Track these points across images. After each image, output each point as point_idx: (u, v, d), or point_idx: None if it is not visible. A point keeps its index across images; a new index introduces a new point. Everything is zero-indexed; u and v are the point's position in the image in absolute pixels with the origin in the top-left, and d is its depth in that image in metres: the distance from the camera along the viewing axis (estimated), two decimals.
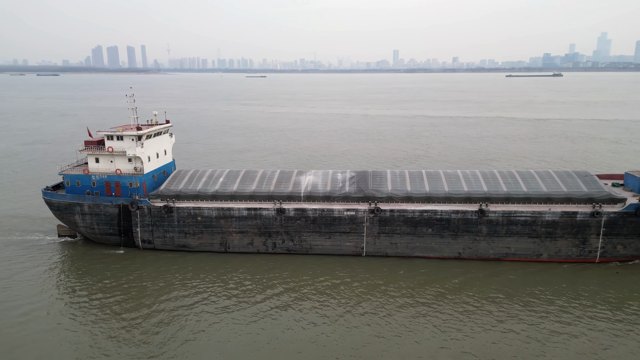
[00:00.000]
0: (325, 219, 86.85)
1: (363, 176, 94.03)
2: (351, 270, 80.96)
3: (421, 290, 72.98)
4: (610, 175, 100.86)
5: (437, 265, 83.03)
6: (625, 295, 70.45)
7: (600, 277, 77.00)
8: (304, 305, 68.86)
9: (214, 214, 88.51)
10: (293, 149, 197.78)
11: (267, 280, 77.06)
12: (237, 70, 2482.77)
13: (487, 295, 71.28)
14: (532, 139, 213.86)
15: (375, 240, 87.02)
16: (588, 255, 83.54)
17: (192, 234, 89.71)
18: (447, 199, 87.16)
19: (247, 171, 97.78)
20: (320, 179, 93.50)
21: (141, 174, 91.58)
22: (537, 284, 74.89)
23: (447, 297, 70.83)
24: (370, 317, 65.38)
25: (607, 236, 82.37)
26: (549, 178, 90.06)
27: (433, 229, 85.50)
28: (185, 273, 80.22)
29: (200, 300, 70.45)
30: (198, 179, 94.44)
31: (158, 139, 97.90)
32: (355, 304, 68.88)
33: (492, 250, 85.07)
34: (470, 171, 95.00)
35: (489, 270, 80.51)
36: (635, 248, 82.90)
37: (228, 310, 67.42)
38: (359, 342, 59.65)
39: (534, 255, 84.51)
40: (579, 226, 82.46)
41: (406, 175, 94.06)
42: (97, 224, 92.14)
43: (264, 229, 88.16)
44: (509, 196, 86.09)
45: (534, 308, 67.15)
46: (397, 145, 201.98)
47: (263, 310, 67.23)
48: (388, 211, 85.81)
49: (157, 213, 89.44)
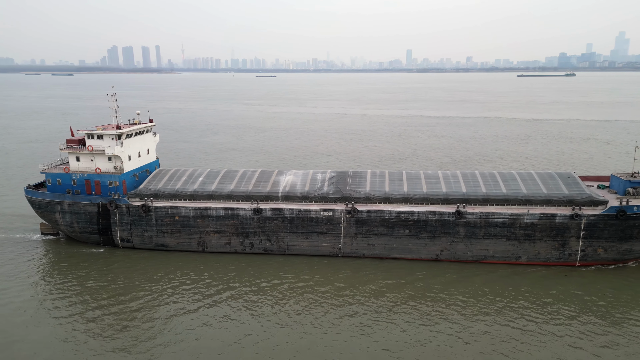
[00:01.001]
0: (302, 219, 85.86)
1: (343, 176, 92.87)
2: (325, 271, 79.79)
3: (391, 292, 71.63)
4: (597, 177, 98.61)
5: (411, 266, 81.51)
6: (596, 299, 68.55)
7: (574, 281, 75.04)
8: (274, 306, 67.76)
9: (191, 214, 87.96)
10: (281, 148, 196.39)
11: (241, 281, 76.18)
12: (249, 70, 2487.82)
13: (456, 297, 69.78)
14: (525, 139, 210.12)
15: (352, 241, 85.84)
16: (568, 259, 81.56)
17: (170, 234, 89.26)
18: (425, 200, 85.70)
19: (228, 171, 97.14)
20: (300, 179, 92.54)
21: (121, 172, 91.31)
22: (508, 286, 73.12)
23: (415, 299, 69.44)
24: (333, 319, 64.25)
25: (587, 239, 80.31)
26: (530, 179, 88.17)
27: (410, 230, 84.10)
28: (161, 272, 79.53)
29: (173, 300, 69.58)
30: (178, 179, 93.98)
31: (140, 138, 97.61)
32: (320, 306, 67.76)
33: (470, 252, 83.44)
34: (451, 172, 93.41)
35: (463, 272, 78.79)
36: (617, 251, 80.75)
37: (198, 310, 66.66)
38: (330, 343, 58.61)
39: (512, 257, 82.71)
40: (558, 229, 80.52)
41: (386, 175, 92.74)
42: (77, 222, 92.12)
43: (241, 229, 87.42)
44: (487, 197, 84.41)
45: (501, 310, 65.56)
46: (386, 145, 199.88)
47: (231, 311, 66.39)
48: (365, 212, 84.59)
49: (135, 212, 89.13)
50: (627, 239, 79.93)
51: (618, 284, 73.64)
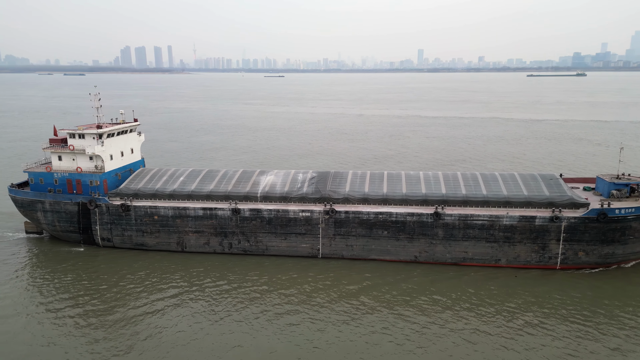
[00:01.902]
0: (281, 219, 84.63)
1: (323, 177, 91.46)
2: (301, 272, 78.46)
3: (365, 294, 70.14)
4: (584, 179, 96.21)
5: (389, 268, 79.87)
6: (575, 304, 66.56)
7: (550, 284, 73.05)
8: (242, 310, 66.64)
9: (170, 213, 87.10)
10: (269, 148, 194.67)
11: (215, 282, 75.12)
12: (260, 70, 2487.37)
13: (426, 299, 68.14)
14: (517, 140, 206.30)
15: (331, 242, 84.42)
16: (548, 262, 79.46)
17: (149, 233, 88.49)
18: (404, 201, 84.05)
19: (210, 170, 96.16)
20: (280, 179, 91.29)
21: (102, 172, 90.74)
22: (479, 289, 71.34)
23: (388, 302, 67.91)
24: (300, 321, 62.97)
25: (567, 242, 78.13)
26: (512, 181, 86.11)
27: (389, 231, 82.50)
28: (138, 272, 78.60)
29: (147, 302, 68.54)
30: (159, 178, 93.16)
31: (122, 138, 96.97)
32: (291, 308, 66.51)
33: (449, 254, 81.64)
34: (432, 173, 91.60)
35: (437, 274, 77.01)
36: (598, 255, 78.50)
37: (165, 310, 65.77)
38: (300, 345, 57.39)
39: (492, 260, 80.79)
40: (538, 231, 78.44)
41: (367, 176, 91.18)
42: (58, 221, 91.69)
43: (219, 229, 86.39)
44: (467, 199, 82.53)
45: (477, 314, 63.87)
46: (375, 145, 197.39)
47: (202, 311, 65.37)
48: (343, 213, 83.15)
49: (114, 211, 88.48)
50: (609, 243, 77.68)
51: (589, 288, 71.53)
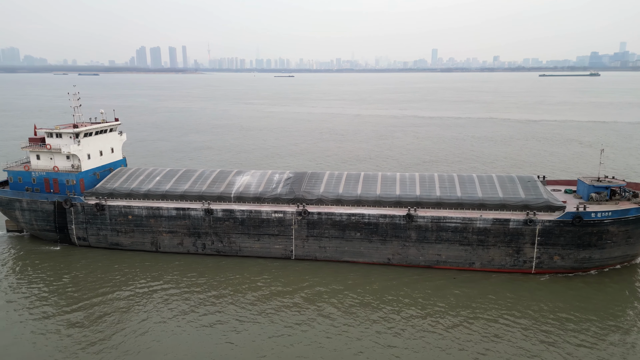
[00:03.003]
0: (254, 220, 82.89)
1: (299, 177, 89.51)
2: (272, 274, 76.68)
3: (331, 297, 68.15)
4: (567, 182, 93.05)
5: (360, 270, 77.72)
6: (545, 308, 63.87)
7: (522, 288, 70.35)
8: (213, 313, 65.09)
9: (144, 213, 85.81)
10: (254, 148, 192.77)
11: (184, 283, 73.68)
12: (273, 70, 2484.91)
13: (403, 302, 65.90)
14: (506, 140, 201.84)
15: (304, 243, 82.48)
16: (523, 266, 76.70)
17: (124, 233, 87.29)
18: (378, 203, 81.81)
19: (187, 170, 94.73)
20: (256, 180, 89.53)
21: (78, 171, 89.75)
22: (448, 293, 68.92)
23: (354, 305, 65.82)
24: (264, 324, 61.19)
25: (542, 246, 75.33)
26: (489, 183, 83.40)
27: (361, 233, 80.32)
28: (107, 272, 77.50)
29: (118, 304, 67.45)
30: (135, 178, 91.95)
31: (101, 137, 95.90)
32: (256, 310, 64.77)
33: (423, 257, 79.23)
34: (409, 174, 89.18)
35: (409, 277, 74.77)
36: (574, 259, 75.57)
37: (131, 310, 64.41)
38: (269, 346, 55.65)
39: (466, 263, 78.23)
40: (512, 234, 75.72)
41: (343, 177, 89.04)
42: (35, 220, 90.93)
43: (193, 229, 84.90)
44: (440, 201, 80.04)
45: (444, 318, 61.53)
46: (361, 145, 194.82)
47: (165, 313, 63.92)
48: (316, 214, 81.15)
49: (90, 211, 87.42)
50: (585, 247, 74.76)
51: (558, 293, 68.73)
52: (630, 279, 73.71)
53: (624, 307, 64.70)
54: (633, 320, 61.26)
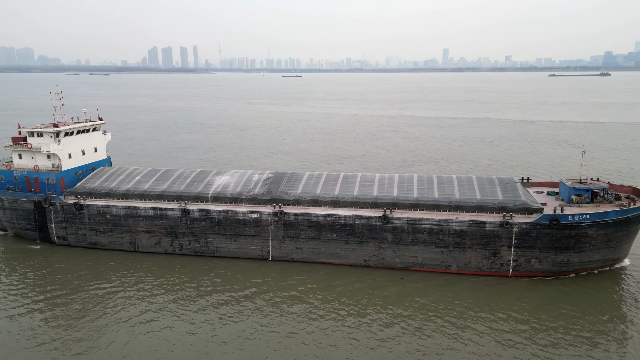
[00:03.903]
0: (230, 221, 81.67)
1: (278, 178, 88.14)
2: (246, 274, 75.44)
3: (305, 298, 66.78)
4: (551, 183, 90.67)
5: (336, 272, 76.19)
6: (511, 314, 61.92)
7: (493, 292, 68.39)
8: (185, 314, 64.03)
9: (122, 213, 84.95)
10: (241, 147, 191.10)
11: (159, 283, 72.70)
12: (283, 70, 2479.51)
13: (365, 304, 64.33)
14: (496, 141, 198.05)
15: (280, 244, 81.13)
16: (500, 269, 74.70)
17: (102, 232, 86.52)
18: (354, 204, 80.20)
19: (167, 170, 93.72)
20: (235, 180, 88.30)
21: (58, 170, 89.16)
22: (415, 295, 67.18)
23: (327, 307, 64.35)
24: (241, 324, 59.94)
25: (519, 249, 73.28)
26: (468, 184, 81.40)
27: (338, 234, 78.77)
28: (84, 271, 76.83)
29: (93, 304, 66.69)
30: (116, 177, 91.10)
31: (84, 137, 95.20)
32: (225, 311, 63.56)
33: (399, 259, 77.51)
34: (388, 175, 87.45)
35: (381, 278, 73.11)
36: (552, 263, 73.42)
37: (109, 312, 63.54)
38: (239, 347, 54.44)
39: (442, 266, 76.39)
40: (489, 237, 73.75)
41: (322, 177, 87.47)
42: (17, 218, 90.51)
43: (170, 229, 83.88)
44: (417, 202, 78.22)
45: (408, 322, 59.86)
46: (348, 145, 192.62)
47: (139, 313, 62.97)
48: (292, 214, 79.75)
49: (68, 210, 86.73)
50: (562, 250, 72.59)
51: (518, 299, 66.67)
52: (609, 283, 71.30)
53: (600, 312, 62.50)
54: (609, 325, 59.11)
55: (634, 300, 65.85)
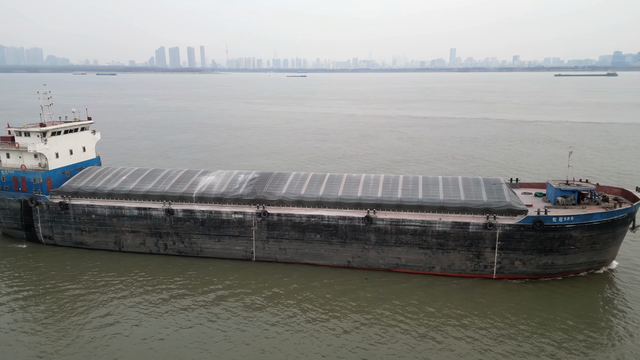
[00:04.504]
0: (214, 221, 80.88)
1: (264, 178, 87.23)
2: (228, 275, 74.64)
3: (285, 299, 65.89)
4: (540, 184, 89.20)
5: (318, 273, 75.22)
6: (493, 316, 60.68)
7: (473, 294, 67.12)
8: (163, 315, 63.32)
9: (107, 212, 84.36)
10: (232, 147, 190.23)
11: (134, 283, 72.07)
12: (290, 70, 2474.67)
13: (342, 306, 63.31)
14: (489, 141, 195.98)
15: (264, 245, 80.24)
16: (484, 271, 73.42)
17: (87, 232, 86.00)
18: (338, 204, 79.16)
19: (154, 170, 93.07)
20: (220, 180, 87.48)
21: (45, 170, 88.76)
22: (393, 297, 66.08)
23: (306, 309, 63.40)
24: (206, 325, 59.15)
25: (503, 250, 71.96)
26: (453, 185, 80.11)
27: (321, 235, 77.76)
28: (59, 271, 76.45)
29: (81, 300, 66.31)
30: (102, 177, 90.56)
31: (71, 136, 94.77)
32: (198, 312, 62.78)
33: (382, 260, 76.39)
34: (374, 175, 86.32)
35: (361, 280, 72.07)
36: (536, 265, 72.06)
37: (88, 313, 62.98)
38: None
39: (426, 267, 75.21)
40: (472, 238, 72.48)
41: (308, 178, 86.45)
42: (4, 217, 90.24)
43: (154, 229, 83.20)
44: (401, 203, 77.08)
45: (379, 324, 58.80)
46: (341, 145, 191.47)
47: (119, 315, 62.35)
48: (275, 215, 78.84)
49: (54, 209, 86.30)
50: (546, 252, 71.21)
51: (505, 300, 65.35)
52: (593, 286, 69.81)
53: (583, 315, 61.09)
54: (591, 328, 57.74)
55: (618, 303, 64.43)
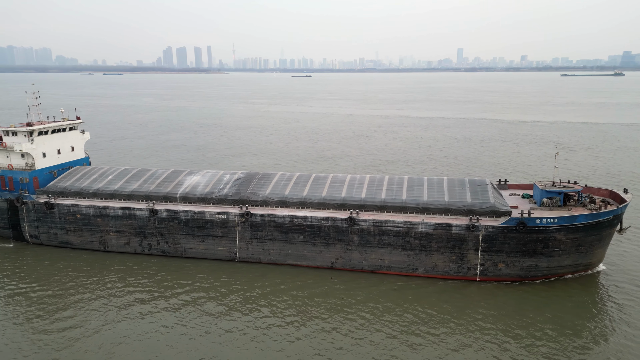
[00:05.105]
0: (198, 221, 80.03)
1: (249, 178, 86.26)
2: (209, 276, 73.78)
3: (264, 300, 64.90)
4: (529, 186, 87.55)
5: (301, 274, 74.21)
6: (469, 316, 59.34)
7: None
8: (143, 316, 62.55)
9: (92, 212, 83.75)
10: (223, 147, 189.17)
11: (116, 283, 71.35)
12: (296, 70, 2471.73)
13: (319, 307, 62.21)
14: (482, 141, 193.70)
15: (248, 245, 79.30)
16: (467, 273, 72.06)
17: (73, 231, 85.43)
18: (322, 205, 78.06)
19: (140, 170, 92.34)
20: (205, 180, 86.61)
21: (32, 169, 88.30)
22: (370, 299, 64.87)
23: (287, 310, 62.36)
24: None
25: (486, 252, 70.58)
26: (438, 186, 78.77)
27: (304, 236, 76.71)
28: (49, 272, 75.92)
29: (46, 299, 65.73)
30: (89, 176, 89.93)
31: (59, 136, 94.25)
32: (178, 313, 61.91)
33: (366, 261, 75.22)
34: (359, 176, 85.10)
35: (346, 281, 70.92)
36: (520, 267, 70.63)
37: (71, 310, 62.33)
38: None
39: (409, 269, 73.95)
40: (455, 240, 71.15)
41: (293, 178, 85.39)
42: None
43: (139, 229, 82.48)
44: (384, 204, 75.87)
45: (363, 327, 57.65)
46: (333, 145, 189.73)
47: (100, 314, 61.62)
48: (259, 216, 77.87)
49: (40, 209, 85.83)
50: (530, 254, 69.77)
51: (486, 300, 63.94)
52: (577, 290, 68.17)
53: (565, 318, 59.63)
54: (573, 331, 56.32)
55: (601, 306, 62.92)
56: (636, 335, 55.41)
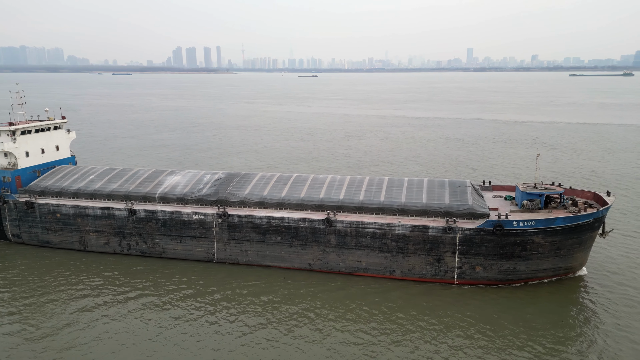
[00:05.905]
0: (175, 222, 78.88)
1: (229, 178, 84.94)
2: (187, 277, 72.65)
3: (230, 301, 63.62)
4: (513, 187, 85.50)
5: (278, 275, 72.84)
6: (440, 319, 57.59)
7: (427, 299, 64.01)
8: (125, 317, 61.55)
9: (71, 212, 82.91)
10: (212, 146, 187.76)
11: (94, 283, 70.44)
12: (305, 70, 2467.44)
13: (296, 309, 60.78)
14: (473, 142, 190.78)
15: (225, 246, 78.03)
16: (445, 276, 70.25)
17: (53, 231, 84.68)
18: (300, 206, 76.59)
19: (122, 169, 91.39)
20: (185, 180, 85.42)
21: (14, 168, 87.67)
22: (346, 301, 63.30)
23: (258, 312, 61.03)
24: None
25: (463, 255, 68.73)
26: (417, 187, 76.92)
27: (282, 237, 75.30)
28: (31, 270, 75.29)
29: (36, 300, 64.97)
30: (70, 176, 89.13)
31: (44, 135, 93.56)
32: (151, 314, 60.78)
33: (343, 263, 73.65)
34: (340, 177, 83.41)
35: (320, 284, 69.42)
36: (497, 271, 68.69)
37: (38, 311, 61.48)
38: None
39: (386, 271, 72.27)
40: (432, 242, 69.36)
41: (273, 179, 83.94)
42: None
43: (117, 229, 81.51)
44: (362, 205, 74.22)
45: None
46: (321, 145, 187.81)
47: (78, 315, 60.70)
48: (236, 216, 76.56)
49: (21, 208, 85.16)
50: (508, 258, 67.81)
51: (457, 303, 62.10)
52: (555, 294, 66.08)
53: (539, 322, 57.72)
54: (546, 336, 54.42)
55: (579, 311, 60.88)
56: (611, 345, 53.34)
